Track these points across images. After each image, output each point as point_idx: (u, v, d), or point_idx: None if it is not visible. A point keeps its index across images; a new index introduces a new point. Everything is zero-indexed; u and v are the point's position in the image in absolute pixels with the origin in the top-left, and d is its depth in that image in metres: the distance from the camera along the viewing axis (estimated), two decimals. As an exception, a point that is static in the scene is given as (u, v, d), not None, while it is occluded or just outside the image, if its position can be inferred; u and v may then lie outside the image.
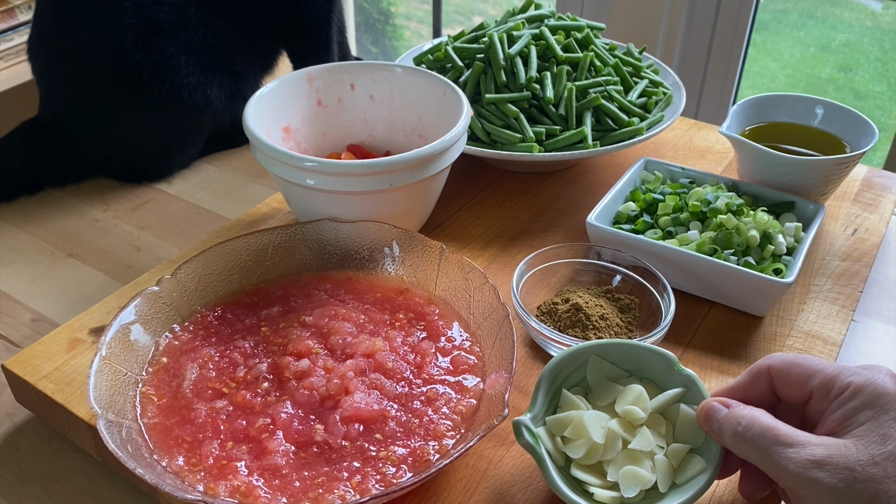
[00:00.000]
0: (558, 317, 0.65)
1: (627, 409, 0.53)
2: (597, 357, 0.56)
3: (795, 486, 0.45)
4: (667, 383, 0.55)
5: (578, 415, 0.52)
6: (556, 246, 0.70)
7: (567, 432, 0.52)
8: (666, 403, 0.54)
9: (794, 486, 0.45)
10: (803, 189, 0.76)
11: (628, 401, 0.53)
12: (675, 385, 0.55)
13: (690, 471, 0.51)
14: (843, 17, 2.35)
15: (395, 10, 2.64)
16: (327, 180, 0.68)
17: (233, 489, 0.51)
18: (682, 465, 0.52)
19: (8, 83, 1.08)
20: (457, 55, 0.89)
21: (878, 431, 0.45)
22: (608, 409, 0.54)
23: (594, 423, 0.52)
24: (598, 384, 0.55)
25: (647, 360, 0.56)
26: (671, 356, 0.55)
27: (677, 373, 0.55)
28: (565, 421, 0.52)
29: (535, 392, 0.53)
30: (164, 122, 0.90)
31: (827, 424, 0.48)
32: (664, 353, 0.55)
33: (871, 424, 0.46)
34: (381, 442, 0.54)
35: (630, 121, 0.84)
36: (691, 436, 0.53)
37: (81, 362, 0.63)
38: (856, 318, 0.74)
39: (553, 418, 0.53)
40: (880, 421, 0.45)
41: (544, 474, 0.50)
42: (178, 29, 0.86)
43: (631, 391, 0.54)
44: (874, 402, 0.46)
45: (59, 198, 0.92)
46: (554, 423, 0.53)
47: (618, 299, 0.68)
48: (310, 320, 0.63)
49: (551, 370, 0.54)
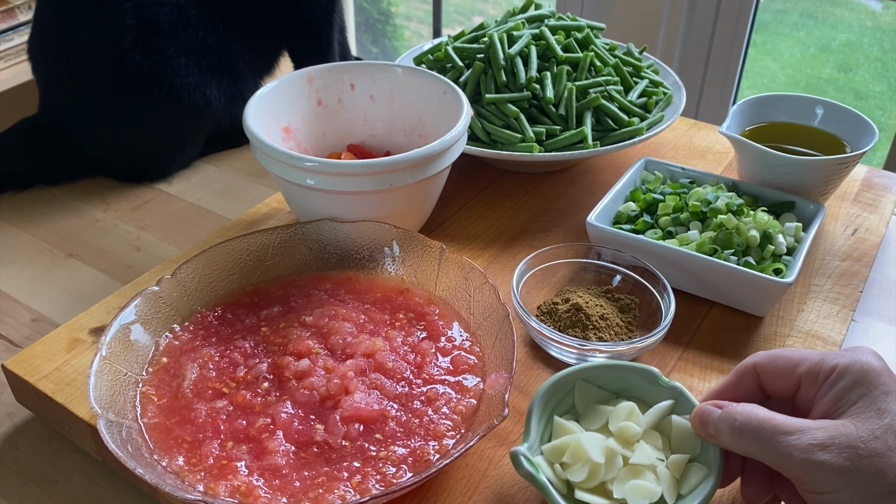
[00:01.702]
0: (558, 317, 0.66)
1: (622, 426, 0.53)
2: (583, 382, 0.56)
3: (802, 472, 0.45)
4: (654, 398, 0.55)
5: (575, 438, 0.52)
6: (556, 246, 0.70)
7: (566, 458, 0.51)
8: (658, 417, 0.54)
9: (801, 473, 0.45)
10: (803, 189, 0.76)
11: (621, 418, 0.53)
12: (663, 399, 0.55)
13: (694, 479, 0.51)
14: (843, 17, 2.35)
15: (395, 10, 2.64)
16: (327, 180, 0.68)
17: (233, 489, 0.51)
18: (685, 475, 0.52)
19: (8, 83, 1.08)
20: (457, 55, 0.89)
21: (873, 407, 0.46)
22: (602, 431, 0.54)
23: (592, 443, 0.51)
24: (587, 409, 0.55)
25: (632, 378, 0.56)
26: (654, 371, 0.55)
27: (663, 386, 0.55)
28: (562, 446, 0.52)
29: (528, 422, 0.52)
30: (163, 122, 0.90)
31: (820, 408, 0.48)
32: (647, 368, 0.55)
33: (864, 401, 0.46)
34: (381, 442, 0.54)
35: (630, 121, 0.84)
36: (688, 446, 0.53)
37: (81, 362, 0.63)
38: (856, 318, 0.74)
39: (549, 446, 0.52)
40: (872, 397, 0.46)
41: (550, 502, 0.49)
42: (178, 30, 0.86)
43: (622, 409, 0.54)
44: (862, 379, 0.47)
45: (59, 198, 0.92)
46: (551, 450, 0.52)
47: (618, 299, 0.68)
48: (310, 320, 0.63)
49: (541, 398, 0.53)
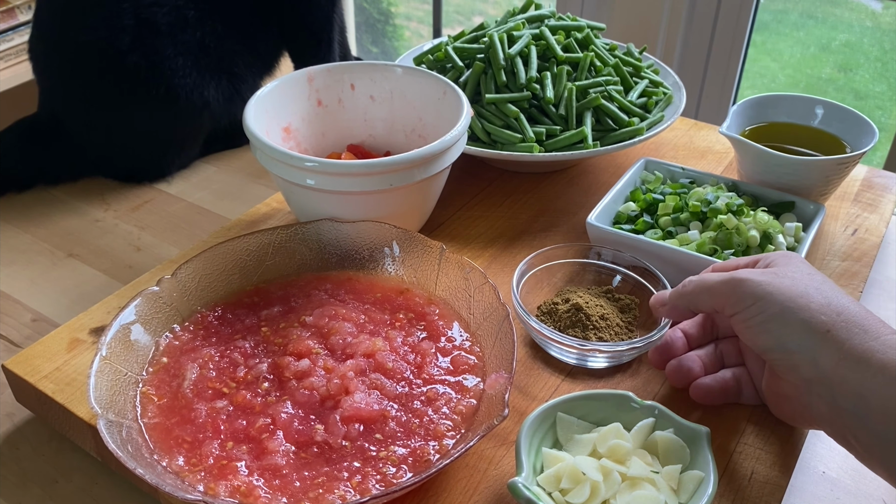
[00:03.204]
0: (558, 317, 0.65)
1: (612, 444, 0.53)
2: (563, 414, 0.56)
3: (730, 291, 0.53)
4: (634, 421, 0.55)
5: (568, 463, 0.52)
6: (557, 246, 0.70)
7: (564, 483, 0.51)
8: (643, 435, 0.54)
9: (730, 292, 0.53)
10: (803, 189, 0.76)
11: (609, 438, 0.53)
12: (643, 419, 0.55)
13: (691, 485, 0.52)
14: (843, 17, 2.35)
15: (395, 10, 2.64)
16: (327, 180, 0.68)
17: (233, 489, 0.51)
18: (681, 484, 0.52)
19: (8, 83, 1.08)
20: (457, 55, 0.89)
21: (788, 264, 0.55)
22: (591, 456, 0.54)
23: (586, 464, 0.51)
24: (569, 441, 0.55)
25: (608, 407, 0.56)
26: (628, 394, 0.56)
27: (640, 407, 0.55)
28: (558, 473, 0.52)
29: (518, 457, 0.52)
30: (160, 123, 0.90)
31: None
32: (621, 393, 0.56)
33: (781, 262, 0.56)
34: (381, 442, 0.54)
35: (630, 121, 0.84)
36: (678, 456, 0.53)
37: (81, 362, 0.63)
38: (856, 318, 0.74)
39: (544, 475, 0.52)
40: (789, 259, 0.56)
41: None
42: (176, 31, 0.86)
43: (608, 431, 0.54)
44: (783, 256, 0.56)
45: (59, 198, 0.92)
46: (546, 479, 0.52)
47: (618, 299, 0.68)
48: (310, 320, 0.63)
49: (526, 432, 0.53)
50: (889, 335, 0.49)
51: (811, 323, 0.50)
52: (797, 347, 0.51)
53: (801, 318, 0.51)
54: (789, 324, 0.51)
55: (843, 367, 0.49)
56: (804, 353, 0.51)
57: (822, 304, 0.51)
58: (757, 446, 0.58)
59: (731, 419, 0.59)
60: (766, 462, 0.56)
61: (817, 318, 0.50)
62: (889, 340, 0.48)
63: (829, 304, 0.51)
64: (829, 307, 0.51)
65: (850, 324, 0.50)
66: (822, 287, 0.53)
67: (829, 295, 0.52)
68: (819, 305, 0.51)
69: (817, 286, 0.53)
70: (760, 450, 0.57)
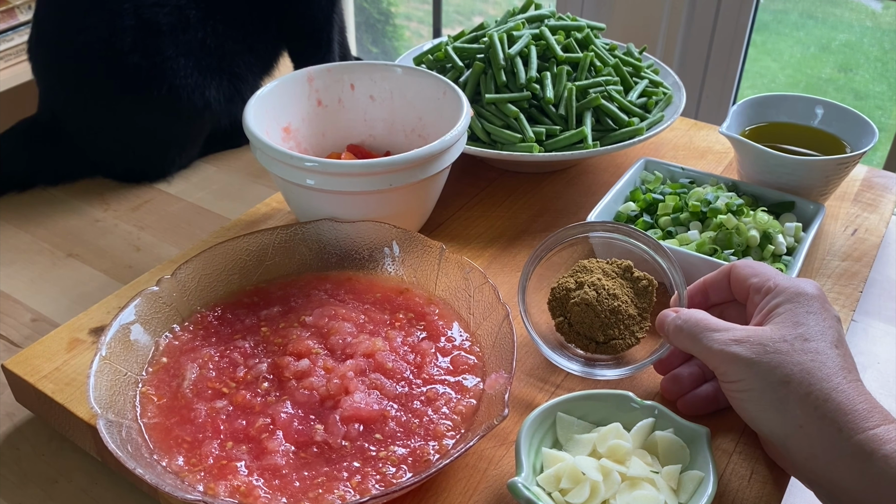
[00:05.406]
0: (568, 309, 0.63)
1: (612, 444, 0.53)
2: (562, 414, 0.56)
3: (719, 361, 0.52)
4: (634, 421, 0.55)
5: (568, 463, 0.52)
6: (560, 246, 0.69)
7: (564, 483, 0.51)
8: (643, 435, 0.54)
9: (718, 363, 0.52)
10: (803, 189, 0.76)
11: (609, 438, 0.53)
12: (643, 419, 0.55)
13: (691, 485, 0.52)
14: (843, 17, 2.35)
15: (395, 10, 2.64)
16: (327, 180, 0.68)
17: (233, 489, 0.51)
18: (681, 484, 0.52)
19: (8, 83, 1.08)
20: (457, 55, 0.89)
21: (792, 319, 0.52)
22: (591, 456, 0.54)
23: (586, 464, 0.51)
24: (569, 441, 0.55)
25: (608, 407, 0.56)
26: (628, 394, 0.56)
27: (640, 407, 0.56)
28: (557, 473, 0.52)
29: (517, 457, 0.52)
30: (161, 123, 0.90)
31: (755, 319, 0.55)
32: (621, 393, 0.56)
33: (787, 314, 0.53)
34: (381, 442, 0.54)
35: (630, 121, 0.84)
36: (677, 456, 0.54)
37: (81, 362, 0.63)
38: (856, 318, 0.74)
39: (544, 475, 0.52)
40: (795, 311, 0.53)
41: None
42: (177, 31, 0.86)
43: (608, 431, 0.54)
44: (794, 298, 0.53)
45: (59, 198, 0.92)
46: (546, 479, 0.52)
47: (637, 279, 0.64)
48: (310, 320, 0.63)
49: (526, 432, 0.53)
50: (867, 430, 0.47)
51: (785, 416, 0.49)
52: (769, 433, 0.51)
53: (775, 409, 0.50)
54: (765, 409, 0.50)
55: (811, 462, 0.49)
56: (774, 440, 0.51)
57: (802, 395, 0.49)
58: (757, 446, 0.58)
59: (731, 419, 0.59)
60: (766, 462, 0.57)
61: (792, 413, 0.49)
62: (862, 439, 0.47)
63: (809, 394, 0.48)
64: (808, 399, 0.48)
65: (825, 420, 0.48)
66: (815, 361, 0.50)
67: (819, 376, 0.49)
68: (798, 397, 0.49)
69: (811, 360, 0.50)
70: (760, 450, 0.57)
